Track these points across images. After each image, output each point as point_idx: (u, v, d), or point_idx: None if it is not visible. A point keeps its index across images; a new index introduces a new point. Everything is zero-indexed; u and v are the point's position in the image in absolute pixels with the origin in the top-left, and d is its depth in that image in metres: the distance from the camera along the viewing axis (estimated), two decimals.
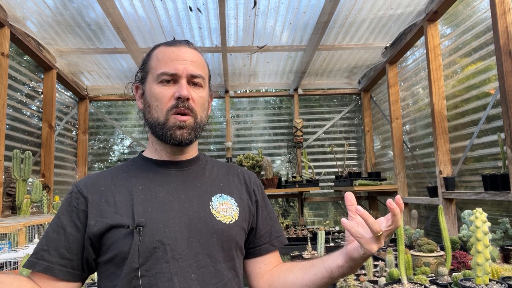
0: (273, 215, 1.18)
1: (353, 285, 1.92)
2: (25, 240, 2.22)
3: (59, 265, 0.95)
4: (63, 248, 0.96)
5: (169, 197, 1.01)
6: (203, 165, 1.14)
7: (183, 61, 1.04)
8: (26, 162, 2.73)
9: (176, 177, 1.06)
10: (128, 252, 0.91)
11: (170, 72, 1.02)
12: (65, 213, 1.00)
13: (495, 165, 2.53)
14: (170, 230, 0.95)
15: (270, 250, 1.12)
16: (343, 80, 4.74)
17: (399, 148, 3.78)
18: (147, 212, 0.97)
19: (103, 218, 0.95)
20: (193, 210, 1.00)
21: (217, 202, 1.05)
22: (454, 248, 2.21)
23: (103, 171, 1.10)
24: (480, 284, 1.51)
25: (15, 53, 3.21)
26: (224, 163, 1.23)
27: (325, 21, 3.02)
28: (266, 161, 4.15)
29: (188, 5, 2.88)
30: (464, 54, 2.81)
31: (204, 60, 1.14)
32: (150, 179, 1.04)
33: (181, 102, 1.01)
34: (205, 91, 1.09)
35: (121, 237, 0.93)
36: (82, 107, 4.54)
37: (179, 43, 1.08)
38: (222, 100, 4.82)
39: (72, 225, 0.97)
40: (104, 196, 1.00)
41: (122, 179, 1.05)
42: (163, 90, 1.03)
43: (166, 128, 1.02)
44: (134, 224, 0.93)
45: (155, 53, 1.09)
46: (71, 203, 1.00)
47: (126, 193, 1.00)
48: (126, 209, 0.97)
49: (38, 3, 2.76)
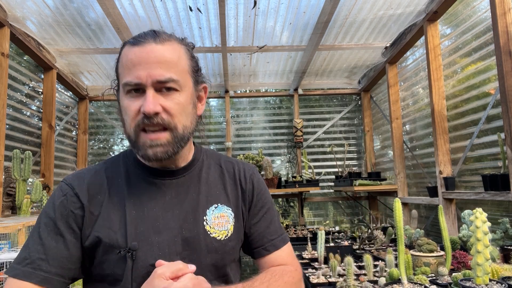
0: (270, 214, 1.11)
1: (353, 285, 1.92)
2: (25, 240, 2.22)
3: (58, 275, 0.89)
4: (64, 257, 0.90)
5: (162, 213, 0.95)
6: (199, 169, 1.06)
7: (147, 64, 0.87)
8: (26, 162, 2.73)
9: (170, 188, 0.99)
10: (121, 275, 0.89)
11: (133, 82, 0.88)
12: (61, 218, 0.92)
13: (495, 165, 2.53)
14: (164, 253, 0.91)
15: (264, 254, 1.07)
16: (343, 80, 4.74)
17: (399, 148, 3.78)
18: (140, 232, 0.91)
19: (96, 232, 0.91)
20: (187, 227, 0.95)
21: (212, 216, 0.99)
22: (454, 248, 2.21)
23: (96, 170, 1.01)
24: (480, 284, 1.51)
25: (15, 53, 3.21)
26: (222, 157, 1.15)
27: (325, 21, 3.02)
28: (266, 161, 4.15)
29: (188, 5, 2.88)
30: (464, 54, 2.81)
31: (183, 49, 0.95)
32: (142, 190, 0.97)
33: (147, 120, 0.87)
34: (184, 94, 0.92)
35: (114, 258, 0.90)
36: (82, 107, 4.54)
37: (144, 38, 0.90)
38: (222, 100, 4.82)
39: (70, 232, 0.91)
40: (100, 207, 0.94)
41: (115, 186, 0.98)
42: (130, 103, 0.89)
43: (137, 148, 0.91)
44: (127, 247, 0.89)
45: (121, 55, 0.94)
46: (66, 207, 0.93)
47: (120, 206, 0.94)
48: (119, 227, 0.92)
49: (38, 3, 2.76)
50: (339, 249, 2.72)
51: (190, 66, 0.96)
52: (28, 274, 0.86)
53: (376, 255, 2.73)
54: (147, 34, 0.92)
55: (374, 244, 3.17)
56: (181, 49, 0.95)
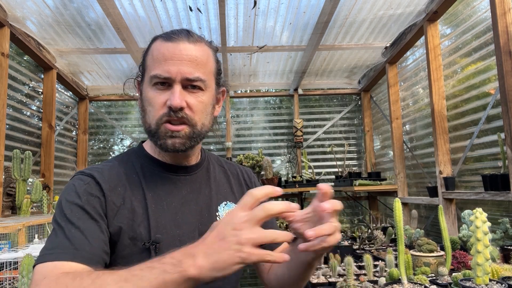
0: None
1: (353, 285, 1.92)
2: (25, 240, 2.22)
3: (101, 258, 0.84)
4: (102, 240, 0.86)
5: (181, 207, 0.97)
6: (207, 167, 1.10)
7: (179, 61, 0.91)
8: (26, 162, 2.73)
9: (186, 184, 1.01)
10: None
11: (163, 76, 0.91)
12: (88, 203, 0.88)
13: (495, 165, 2.53)
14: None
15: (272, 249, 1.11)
16: (343, 80, 4.74)
17: (399, 148, 3.78)
18: (161, 226, 0.93)
19: (119, 222, 0.90)
20: (202, 222, 0.98)
21: (223, 212, 1.01)
22: (454, 248, 2.21)
23: (111, 165, 1.00)
24: (480, 284, 1.51)
25: (15, 53, 3.21)
26: (222, 160, 1.18)
27: (325, 21, 3.02)
28: (266, 161, 4.15)
29: (188, 5, 2.88)
30: (464, 54, 2.81)
31: (210, 52, 1.00)
32: (160, 185, 0.98)
33: (173, 113, 0.91)
34: (207, 94, 0.97)
35: (137, 250, 0.90)
36: (82, 107, 4.54)
37: (178, 36, 0.94)
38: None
39: (100, 217, 0.88)
40: (122, 198, 0.93)
41: (134, 181, 0.98)
42: (156, 95, 0.93)
43: (157, 137, 0.94)
44: (150, 240, 0.90)
45: (151, 48, 0.98)
46: (92, 193, 0.90)
47: (141, 199, 0.95)
48: (142, 219, 0.92)
49: (38, 3, 2.76)
50: (339, 249, 2.72)
51: (215, 68, 1.01)
52: (71, 253, 0.78)
53: (376, 255, 2.73)
54: (181, 32, 0.96)
55: (374, 244, 3.17)
56: (210, 52, 1.00)
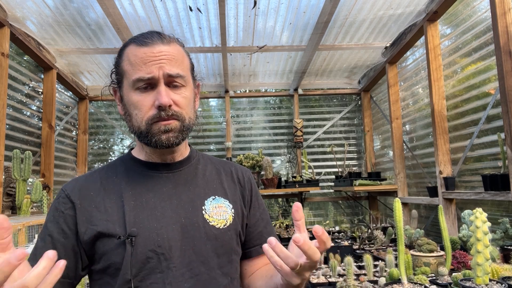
0: (266, 215, 1.15)
1: (353, 285, 1.92)
2: (25, 240, 2.22)
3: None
4: None
5: (161, 203, 0.98)
6: (195, 165, 1.09)
7: (158, 61, 0.94)
8: (26, 162, 2.73)
9: (168, 181, 1.02)
10: (121, 263, 0.89)
11: (146, 77, 0.93)
12: (52, 219, 0.96)
13: (495, 165, 2.53)
14: (163, 239, 0.92)
15: (261, 252, 1.09)
16: (343, 80, 4.74)
17: (399, 148, 3.78)
18: (138, 220, 0.94)
19: (93, 226, 0.93)
20: (185, 216, 0.97)
21: (210, 206, 1.01)
22: (454, 248, 2.21)
23: (91, 173, 1.05)
24: (480, 284, 1.51)
25: (15, 53, 3.21)
26: (217, 160, 1.19)
27: (325, 21, 3.02)
28: (266, 161, 4.15)
29: (188, 5, 2.88)
30: (464, 54, 2.81)
31: (182, 49, 1.03)
32: (140, 183, 1.00)
33: (162, 112, 0.94)
34: (189, 89, 1.00)
35: (113, 247, 0.91)
36: (82, 107, 4.54)
37: (151, 39, 0.96)
38: (222, 100, 4.82)
39: (59, 231, 0.94)
40: (94, 202, 0.96)
41: (111, 183, 1.01)
42: (141, 98, 0.95)
43: (150, 136, 0.96)
44: (126, 234, 0.91)
45: (126, 54, 0.98)
46: (57, 209, 0.97)
47: (117, 198, 0.97)
48: (118, 217, 0.94)
49: (38, 3, 2.76)
50: (339, 249, 2.73)
51: (190, 64, 1.06)
52: None
53: (376, 255, 2.73)
54: (153, 36, 0.97)
55: (374, 244, 3.17)
56: (182, 49, 1.03)
